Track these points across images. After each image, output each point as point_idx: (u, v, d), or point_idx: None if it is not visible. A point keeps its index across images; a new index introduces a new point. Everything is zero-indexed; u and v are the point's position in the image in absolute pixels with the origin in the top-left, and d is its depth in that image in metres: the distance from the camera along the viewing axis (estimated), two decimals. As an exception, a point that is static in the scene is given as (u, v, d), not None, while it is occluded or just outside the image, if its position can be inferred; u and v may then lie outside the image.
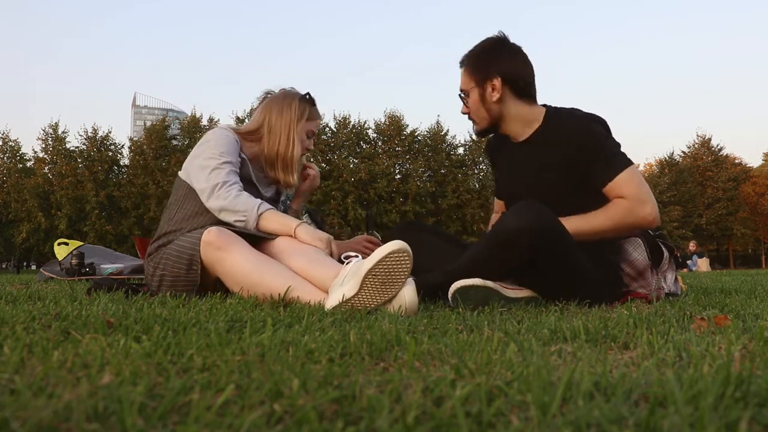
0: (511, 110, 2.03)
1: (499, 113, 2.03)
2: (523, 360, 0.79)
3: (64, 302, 1.63)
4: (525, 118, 2.04)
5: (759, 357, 0.82)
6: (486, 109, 2.03)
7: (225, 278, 1.85)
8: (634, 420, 0.52)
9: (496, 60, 2.02)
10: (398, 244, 1.49)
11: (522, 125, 2.05)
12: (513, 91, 2.01)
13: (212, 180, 2.02)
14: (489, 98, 2.01)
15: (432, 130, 32.04)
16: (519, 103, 2.03)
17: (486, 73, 2.01)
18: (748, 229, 36.57)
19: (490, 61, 2.02)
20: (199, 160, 2.08)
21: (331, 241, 1.93)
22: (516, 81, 2.01)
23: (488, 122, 2.06)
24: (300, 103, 2.23)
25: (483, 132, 2.11)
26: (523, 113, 2.03)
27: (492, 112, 2.03)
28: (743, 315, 1.45)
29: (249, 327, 1.06)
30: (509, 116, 2.04)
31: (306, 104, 2.24)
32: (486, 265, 1.78)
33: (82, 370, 0.71)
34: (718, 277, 5.92)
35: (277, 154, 2.20)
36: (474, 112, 2.06)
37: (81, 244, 4.60)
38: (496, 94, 2.00)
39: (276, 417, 0.54)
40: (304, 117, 2.22)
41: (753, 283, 3.66)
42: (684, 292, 2.44)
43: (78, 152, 29.78)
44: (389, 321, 1.22)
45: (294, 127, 2.20)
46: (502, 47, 2.05)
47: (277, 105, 2.21)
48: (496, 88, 2.00)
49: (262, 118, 2.21)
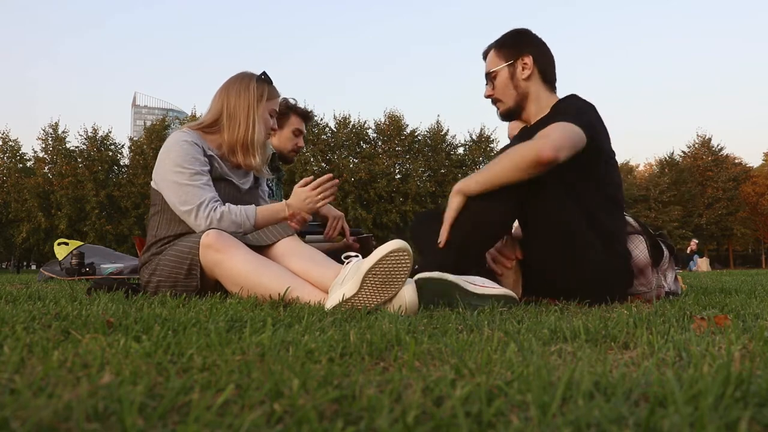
0: (536, 92, 2.10)
1: (526, 91, 2.09)
2: (523, 360, 0.79)
3: (64, 302, 1.63)
4: (545, 104, 2.10)
5: (759, 357, 0.82)
6: (515, 86, 2.09)
7: (224, 281, 1.84)
8: (634, 420, 0.52)
9: (527, 42, 2.13)
10: (398, 243, 1.48)
11: (540, 111, 2.10)
12: (540, 74, 2.10)
13: (188, 203, 1.98)
14: (519, 75, 2.09)
15: (432, 129, 32.07)
16: (543, 88, 2.11)
17: (519, 52, 2.10)
18: (748, 229, 36.60)
19: (522, 41, 2.13)
20: (167, 174, 2.03)
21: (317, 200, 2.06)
22: (544, 64, 2.10)
23: (515, 100, 2.10)
24: (258, 83, 2.17)
25: (507, 113, 2.14)
26: (543, 98, 2.10)
27: (520, 89, 2.09)
28: (743, 315, 1.45)
29: (249, 327, 1.06)
30: (533, 98, 2.10)
31: (264, 84, 2.19)
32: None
33: (82, 369, 0.71)
34: (718, 276, 5.93)
35: (238, 139, 2.15)
36: (501, 90, 2.11)
37: (81, 243, 4.61)
38: (527, 72, 2.08)
39: (276, 417, 0.54)
40: (264, 97, 2.17)
41: (753, 283, 3.66)
42: (684, 292, 2.44)
43: (78, 152, 29.79)
44: (389, 321, 1.22)
45: (255, 109, 2.15)
46: (531, 34, 2.16)
47: (234, 89, 2.16)
48: (527, 65, 2.08)
49: (221, 106, 2.16)
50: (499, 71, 2.11)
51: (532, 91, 2.09)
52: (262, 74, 2.22)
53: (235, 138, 2.14)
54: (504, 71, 2.10)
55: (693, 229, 34.03)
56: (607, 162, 2.01)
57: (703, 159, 36.75)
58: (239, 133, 2.14)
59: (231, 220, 1.99)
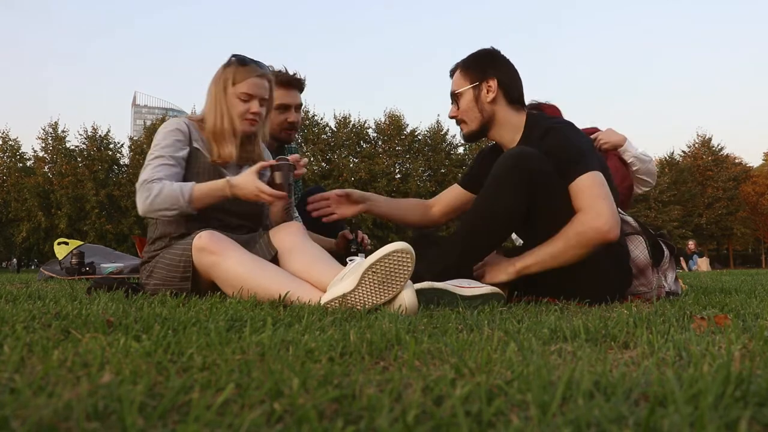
0: (502, 114, 2.08)
1: (491, 115, 2.08)
2: (523, 359, 0.79)
3: (64, 301, 1.62)
4: (514, 125, 2.09)
5: (759, 356, 0.82)
6: (479, 109, 2.08)
7: (220, 283, 1.82)
8: (634, 419, 0.52)
9: (492, 64, 2.11)
10: (402, 244, 1.49)
11: (511, 132, 2.10)
12: (505, 96, 2.08)
13: (138, 182, 1.96)
14: (483, 98, 2.07)
15: (432, 129, 32.05)
16: (509, 109, 2.09)
17: (483, 74, 2.08)
18: (748, 229, 36.59)
19: (487, 63, 2.10)
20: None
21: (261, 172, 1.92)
22: (509, 86, 2.08)
23: (479, 123, 2.10)
24: (225, 69, 2.10)
25: (472, 135, 2.14)
26: (512, 120, 2.09)
27: (485, 113, 2.08)
28: (743, 314, 1.45)
29: (249, 326, 1.06)
30: (499, 120, 2.09)
31: (231, 67, 2.09)
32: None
33: (82, 369, 0.71)
34: (718, 276, 5.92)
35: (209, 129, 2.11)
36: (466, 112, 2.10)
37: (81, 243, 4.61)
38: (491, 95, 2.06)
39: (276, 416, 0.54)
40: (230, 81, 2.07)
41: (753, 282, 3.66)
42: (684, 292, 2.44)
43: (78, 151, 29.77)
44: (389, 320, 1.22)
45: (222, 97, 2.07)
46: (497, 55, 2.14)
47: (212, 82, 2.13)
48: (492, 89, 2.06)
49: (206, 100, 2.14)
50: (463, 92, 2.09)
51: (499, 113, 2.08)
52: (231, 56, 2.12)
53: (208, 129, 2.11)
54: (468, 93, 2.09)
55: (693, 228, 34.02)
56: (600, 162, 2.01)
57: (703, 159, 36.73)
58: (209, 123, 2.11)
59: (165, 195, 1.91)
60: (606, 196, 1.86)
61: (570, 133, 1.98)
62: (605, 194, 1.86)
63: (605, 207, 1.83)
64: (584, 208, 1.84)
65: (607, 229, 1.80)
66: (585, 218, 1.83)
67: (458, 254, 1.88)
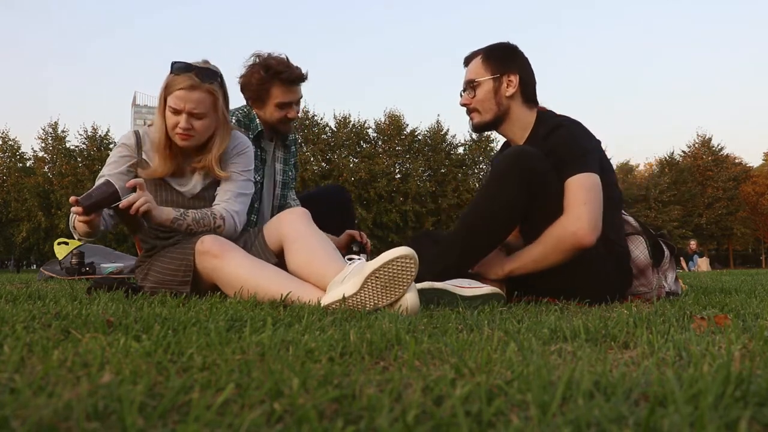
0: (516, 110, 2.08)
1: (506, 109, 2.07)
2: (523, 359, 0.79)
3: (64, 301, 1.62)
4: (525, 122, 2.08)
5: (759, 356, 0.82)
6: (497, 102, 2.06)
7: (222, 285, 1.83)
8: (634, 419, 0.52)
9: (514, 58, 2.10)
10: (406, 250, 1.48)
11: (521, 129, 2.09)
12: (522, 93, 2.07)
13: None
14: (503, 92, 2.06)
15: (432, 129, 32.05)
16: (523, 107, 2.08)
17: (505, 68, 2.07)
18: (748, 229, 36.60)
19: (511, 57, 2.10)
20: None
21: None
22: (527, 83, 2.08)
23: (493, 115, 2.08)
24: (167, 76, 1.99)
25: (483, 126, 2.12)
26: (524, 117, 2.08)
27: (501, 106, 2.07)
28: (743, 314, 1.45)
29: (249, 326, 1.06)
30: (512, 116, 2.08)
31: (169, 75, 1.98)
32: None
33: (82, 369, 0.71)
34: (718, 276, 5.92)
35: (152, 140, 2.05)
36: (482, 102, 2.08)
37: (81, 243, 4.60)
38: (510, 90, 2.05)
39: (276, 416, 0.54)
40: (162, 93, 1.98)
41: (753, 282, 3.66)
42: (684, 292, 2.43)
43: (78, 151, 29.77)
44: (389, 320, 1.22)
45: (161, 107, 1.99)
46: (519, 51, 2.13)
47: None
48: (512, 83, 2.06)
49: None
50: (483, 82, 2.07)
51: (513, 109, 2.07)
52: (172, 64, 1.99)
53: (150, 139, 2.07)
54: (488, 83, 2.06)
55: (693, 228, 34.03)
56: (602, 163, 2.01)
57: (703, 159, 36.74)
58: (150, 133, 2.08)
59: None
60: (589, 200, 1.83)
61: (577, 131, 1.98)
62: (590, 198, 1.83)
63: (585, 211, 1.81)
64: (566, 210, 1.84)
65: (582, 234, 1.79)
66: (564, 221, 1.83)
67: (458, 254, 1.88)
